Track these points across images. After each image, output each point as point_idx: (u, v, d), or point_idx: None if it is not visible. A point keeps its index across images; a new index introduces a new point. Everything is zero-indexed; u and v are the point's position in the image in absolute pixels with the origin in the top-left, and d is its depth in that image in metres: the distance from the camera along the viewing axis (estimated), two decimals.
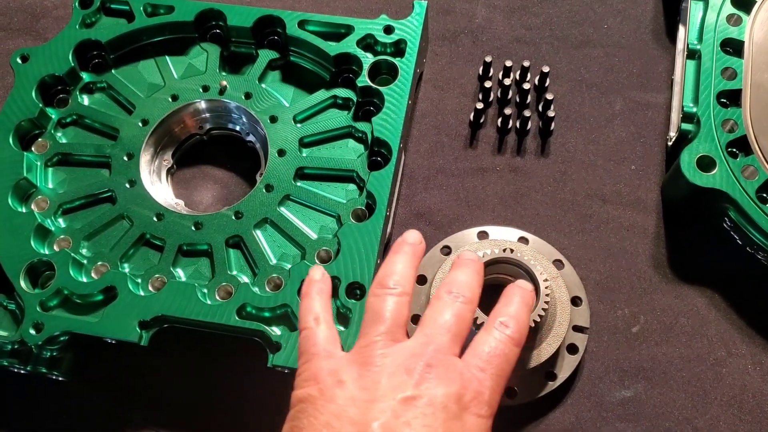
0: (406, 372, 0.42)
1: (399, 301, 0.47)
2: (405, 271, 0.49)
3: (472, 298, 0.48)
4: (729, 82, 0.68)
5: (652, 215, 0.70)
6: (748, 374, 0.63)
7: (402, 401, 0.41)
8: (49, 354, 0.62)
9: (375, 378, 0.42)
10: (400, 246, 0.52)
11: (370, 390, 0.42)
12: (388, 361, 0.43)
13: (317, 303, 0.51)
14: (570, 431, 0.62)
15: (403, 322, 0.47)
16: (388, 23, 0.71)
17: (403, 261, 0.50)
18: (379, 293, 0.48)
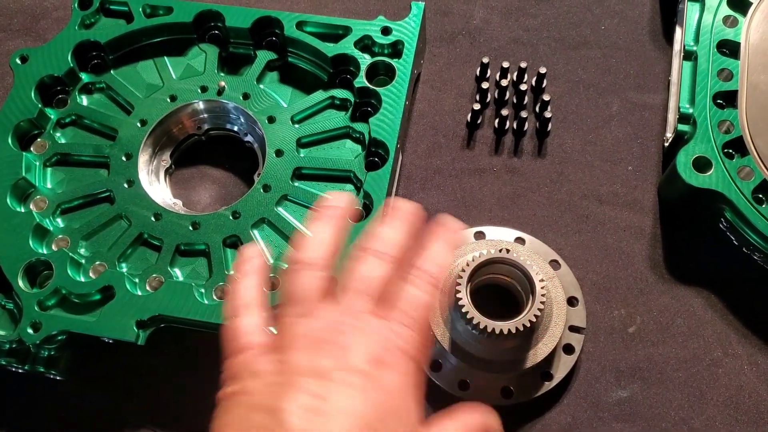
0: (317, 344, 0.39)
1: (312, 275, 0.43)
2: (321, 242, 0.45)
3: (394, 253, 0.43)
4: (725, 83, 0.68)
5: (649, 216, 0.70)
6: (745, 375, 0.63)
7: (316, 375, 0.38)
8: (46, 353, 0.62)
9: (287, 359, 0.39)
10: (323, 210, 0.47)
11: (284, 374, 0.39)
12: (300, 341, 0.40)
13: (245, 284, 0.46)
14: (566, 431, 0.62)
15: (317, 295, 0.42)
16: (386, 24, 0.71)
17: (323, 230, 0.45)
18: (291, 270, 0.44)
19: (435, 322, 0.62)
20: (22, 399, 0.65)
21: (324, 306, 0.42)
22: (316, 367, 0.38)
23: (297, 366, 0.39)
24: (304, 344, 0.40)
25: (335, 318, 0.41)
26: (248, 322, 0.44)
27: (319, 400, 0.37)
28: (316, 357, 0.39)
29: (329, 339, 0.40)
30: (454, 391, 0.62)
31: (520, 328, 0.57)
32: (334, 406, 0.36)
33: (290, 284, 0.43)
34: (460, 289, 0.58)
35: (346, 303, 0.41)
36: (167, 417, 0.63)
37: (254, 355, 0.41)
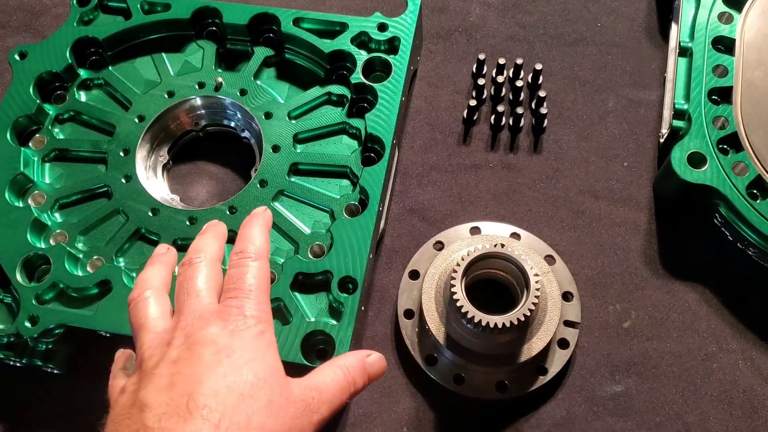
0: (166, 344, 0.44)
1: (147, 302, 0.49)
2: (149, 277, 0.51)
3: (210, 259, 0.50)
4: (720, 79, 0.68)
5: (644, 212, 0.70)
6: (739, 369, 0.64)
7: (168, 365, 0.42)
8: (44, 347, 0.63)
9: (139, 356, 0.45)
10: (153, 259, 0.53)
11: (146, 375, 0.43)
12: (146, 349, 0.45)
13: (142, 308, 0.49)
14: (561, 425, 0.62)
15: (163, 314, 0.48)
16: (382, 21, 0.71)
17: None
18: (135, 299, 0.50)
19: (430, 317, 0.62)
20: (19, 392, 0.65)
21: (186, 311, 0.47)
22: (170, 354, 0.43)
23: (151, 357, 0.44)
24: (164, 341, 0.45)
25: (175, 323, 0.46)
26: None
27: (177, 366, 0.42)
28: (166, 350, 0.44)
29: (175, 337, 0.45)
30: (450, 385, 0.62)
31: (515, 322, 0.57)
32: (193, 370, 0.42)
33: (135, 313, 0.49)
34: (455, 284, 0.58)
35: (182, 304, 0.47)
36: None
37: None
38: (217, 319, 0.45)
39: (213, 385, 0.41)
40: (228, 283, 0.47)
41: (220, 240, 0.52)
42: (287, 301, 0.60)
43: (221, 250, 0.52)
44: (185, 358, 0.42)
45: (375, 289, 0.68)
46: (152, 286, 0.49)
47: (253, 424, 0.40)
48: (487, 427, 0.62)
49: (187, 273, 0.49)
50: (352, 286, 0.61)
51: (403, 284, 0.67)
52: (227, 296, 0.47)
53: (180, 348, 0.43)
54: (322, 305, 0.61)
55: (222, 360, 0.42)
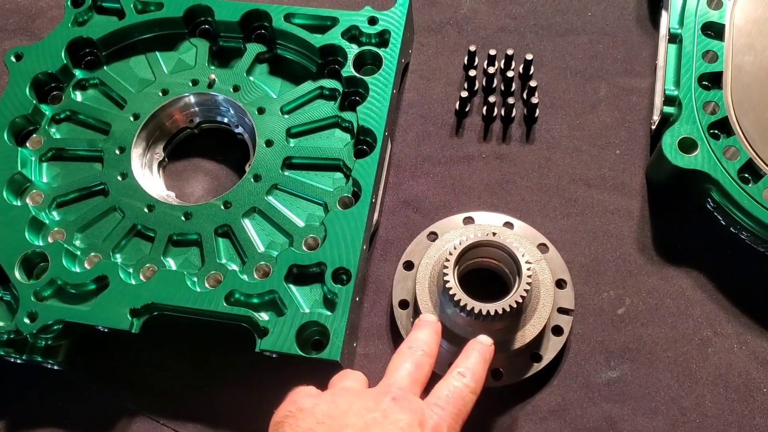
0: (374, 401, 0.48)
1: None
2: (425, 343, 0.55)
3: (430, 352, 0.54)
4: (710, 64, 0.68)
5: (637, 199, 0.71)
6: (734, 353, 0.64)
7: (370, 420, 0.46)
8: (44, 343, 0.63)
9: (348, 401, 0.48)
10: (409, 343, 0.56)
11: (343, 409, 0.47)
12: (357, 396, 0.49)
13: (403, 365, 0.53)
14: (556, 412, 0.62)
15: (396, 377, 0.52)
16: (372, 14, 0.72)
17: (428, 338, 0.56)
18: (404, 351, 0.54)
19: (425, 307, 0.63)
20: (20, 389, 0.66)
21: (391, 384, 0.51)
22: (372, 414, 0.47)
23: (357, 408, 0.47)
24: (362, 398, 0.49)
25: (387, 389, 0.50)
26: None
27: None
28: (372, 408, 0.47)
29: (383, 400, 0.48)
30: (445, 373, 0.62)
31: (507, 309, 0.57)
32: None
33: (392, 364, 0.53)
34: (447, 273, 0.59)
35: (395, 379, 0.51)
36: (163, 404, 0.64)
37: (317, 393, 0.51)
38: (421, 415, 0.47)
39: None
40: (439, 392, 0.50)
41: (437, 338, 0.56)
42: (282, 293, 0.61)
43: (437, 347, 0.55)
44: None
45: (370, 281, 0.69)
46: (423, 350, 0.53)
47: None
48: (483, 414, 0.62)
49: (403, 354, 0.53)
50: (346, 277, 0.61)
51: (398, 275, 0.67)
52: (435, 403, 0.49)
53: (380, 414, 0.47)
54: (317, 297, 0.62)
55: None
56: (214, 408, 0.64)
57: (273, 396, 0.63)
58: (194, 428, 0.63)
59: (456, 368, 0.53)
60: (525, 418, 0.62)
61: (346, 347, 0.60)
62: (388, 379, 0.51)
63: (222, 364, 0.65)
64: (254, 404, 0.63)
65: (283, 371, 0.63)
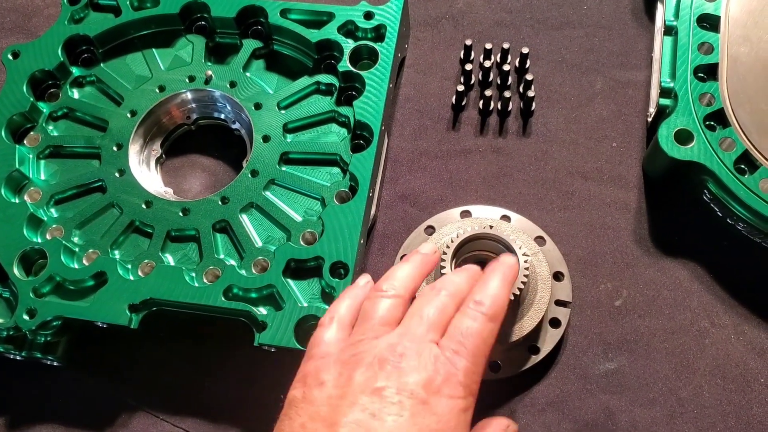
0: (379, 364, 0.43)
1: (390, 302, 0.48)
2: (403, 276, 0.50)
3: (455, 291, 0.48)
4: (706, 56, 0.68)
5: (634, 191, 0.71)
6: (731, 344, 0.64)
7: (371, 393, 0.42)
8: (43, 339, 0.64)
9: (350, 374, 0.43)
10: (410, 255, 0.53)
11: (344, 387, 0.43)
12: (365, 357, 0.44)
13: (342, 303, 0.50)
14: (555, 403, 0.62)
15: (390, 320, 0.47)
16: (368, 9, 0.72)
17: (406, 268, 0.51)
18: (371, 296, 0.49)
19: None
20: (20, 385, 0.66)
21: (391, 330, 0.46)
22: (373, 385, 0.42)
23: (357, 382, 0.42)
24: (367, 362, 0.43)
25: (398, 341, 0.44)
26: (334, 335, 0.48)
27: (371, 418, 0.40)
28: (374, 376, 0.42)
29: (389, 360, 0.43)
30: None
31: None
32: (385, 425, 0.40)
33: (370, 307, 0.48)
34: (444, 266, 0.59)
35: (409, 329, 0.45)
36: (163, 400, 0.65)
37: (325, 364, 0.45)
38: (430, 370, 0.42)
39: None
40: (453, 331, 0.44)
41: (473, 283, 0.49)
42: (280, 287, 0.61)
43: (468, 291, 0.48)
44: (390, 399, 0.41)
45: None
46: (399, 290, 0.48)
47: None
48: (481, 407, 0.61)
49: (431, 296, 0.47)
50: (343, 270, 0.61)
51: None
52: (449, 345, 0.44)
53: (389, 381, 0.42)
54: (315, 291, 0.62)
55: (424, 421, 0.40)
56: (214, 402, 0.64)
57: (272, 390, 0.63)
58: (194, 423, 0.63)
59: (473, 296, 0.47)
60: (523, 411, 0.62)
61: None
62: (405, 322, 0.46)
63: (221, 359, 0.65)
64: (253, 398, 0.64)
65: (281, 365, 0.63)
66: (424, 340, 0.44)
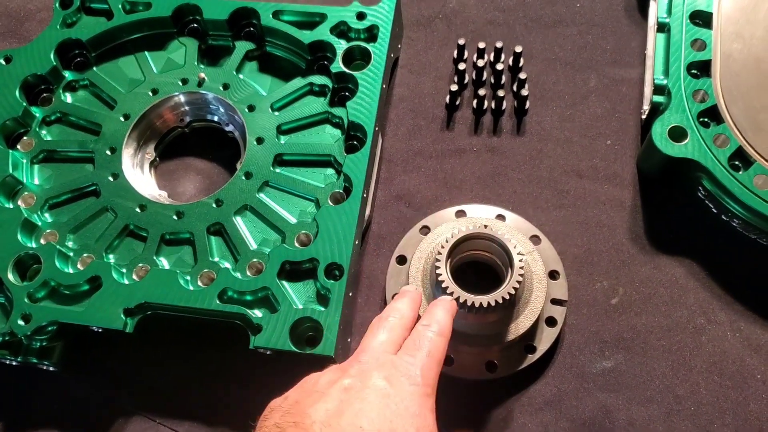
0: (341, 370, 0.48)
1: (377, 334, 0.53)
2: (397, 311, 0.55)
3: (403, 316, 0.53)
4: (699, 53, 0.68)
5: (629, 189, 0.71)
6: (728, 341, 0.64)
7: (339, 390, 0.46)
8: (38, 344, 0.64)
9: (314, 380, 0.48)
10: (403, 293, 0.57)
11: (309, 390, 0.47)
12: (323, 374, 0.49)
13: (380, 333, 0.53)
14: (552, 402, 0.62)
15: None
16: (360, 10, 0.72)
17: (402, 304, 0.55)
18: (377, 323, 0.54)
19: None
20: (16, 391, 0.66)
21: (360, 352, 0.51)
22: (340, 384, 0.47)
23: (322, 384, 0.48)
24: (329, 371, 0.49)
25: (356, 356, 0.51)
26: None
27: (342, 407, 0.45)
28: (338, 378, 0.48)
29: (351, 366, 0.49)
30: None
31: (500, 300, 0.57)
32: (353, 408, 0.45)
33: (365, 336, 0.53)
34: (439, 265, 0.59)
35: (365, 346, 0.51)
36: (159, 404, 0.64)
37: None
38: (391, 367, 0.48)
39: (378, 426, 0.43)
40: (408, 343, 0.51)
41: (415, 305, 0.56)
42: (274, 289, 0.61)
43: (414, 313, 0.55)
44: (357, 390, 0.46)
45: (363, 276, 0.69)
46: (395, 316, 0.53)
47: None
48: (478, 406, 0.62)
49: (378, 323, 0.53)
50: (338, 272, 0.61)
51: (391, 270, 0.67)
52: (404, 353, 0.50)
53: (354, 379, 0.47)
54: (310, 292, 0.62)
55: (389, 405, 0.45)
56: (210, 406, 0.64)
57: (268, 392, 0.63)
58: (190, 426, 0.63)
59: (420, 322, 0.53)
60: (520, 410, 0.62)
61: (340, 342, 0.60)
62: (360, 350, 0.51)
63: (216, 362, 0.65)
64: (249, 401, 0.63)
65: (277, 368, 0.63)
66: (382, 353, 0.50)
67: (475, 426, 0.62)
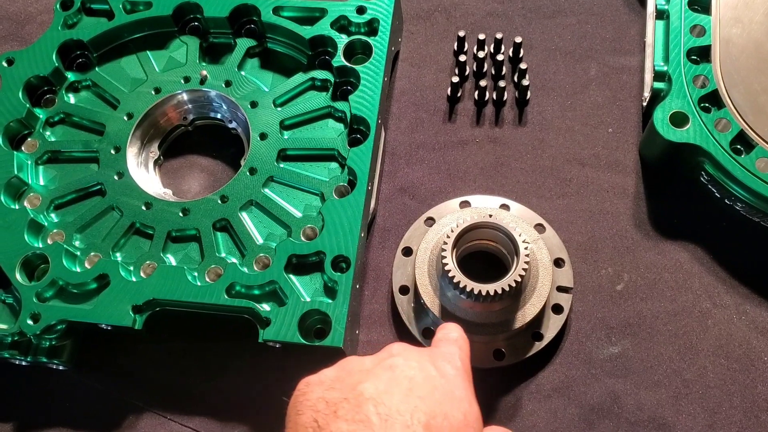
0: (384, 353, 0.49)
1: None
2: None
3: (456, 338, 0.54)
4: (698, 39, 0.69)
5: (631, 176, 0.71)
6: (734, 324, 0.64)
7: (384, 369, 0.46)
8: (48, 344, 0.64)
9: (356, 360, 0.48)
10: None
11: (352, 369, 0.47)
12: (363, 357, 0.49)
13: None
14: (560, 389, 0.63)
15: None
16: (360, 4, 0.72)
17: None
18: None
19: (425, 291, 0.63)
20: (26, 390, 0.66)
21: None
22: (386, 363, 0.47)
23: (366, 362, 0.48)
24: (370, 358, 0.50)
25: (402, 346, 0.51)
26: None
27: (389, 383, 0.45)
28: (387, 357, 0.48)
29: (389, 350, 0.50)
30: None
31: (506, 288, 0.58)
32: (401, 386, 0.45)
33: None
34: (446, 255, 0.59)
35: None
36: (170, 400, 0.65)
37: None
38: (433, 353, 0.49)
39: (430, 407, 0.44)
40: (438, 337, 0.53)
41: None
42: (282, 283, 0.61)
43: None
44: (403, 369, 0.46)
45: (369, 269, 0.69)
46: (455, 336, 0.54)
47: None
48: (487, 394, 0.63)
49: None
50: (345, 264, 0.62)
51: (397, 261, 0.68)
52: (438, 346, 0.51)
53: (398, 358, 0.47)
54: (317, 285, 0.62)
55: (437, 388, 0.45)
56: (221, 400, 0.64)
57: (278, 385, 0.64)
58: (201, 421, 0.64)
59: (439, 331, 0.54)
60: (529, 397, 0.62)
61: (349, 334, 0.60)
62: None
63: (226, 357, 0.66)
64: (259, 394, 0.64)
65: (286, 360, 0.63)
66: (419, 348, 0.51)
67: (485, 414, 0.61)
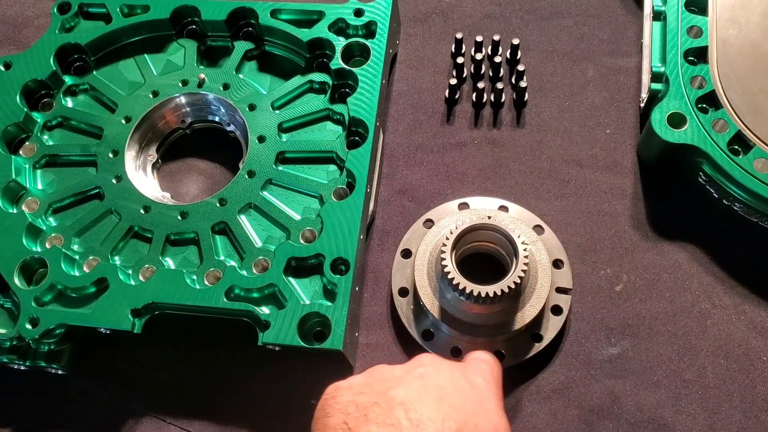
0: (415, 362, 0.51)
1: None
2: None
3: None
4: (695, 40, 0.69)
5: (629, 176, 0.71)
6: (733, 324, 0.64)
7: (414, 378, 0.48)
8: (47, 348, 0.64)
9: (386, 368, 0.50)
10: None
11: (381, 377, 0.49)
12: (392, 365, 0.51)
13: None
14: (560, 390, 0.63)
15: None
16: (358, 6, 0.72)
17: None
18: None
19: (424, 293, 0.63)
20: (25, 395, 0.66)
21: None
22: (417, 371, 0.50)
23: (396, 371, 0.50)
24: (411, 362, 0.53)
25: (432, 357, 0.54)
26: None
27: (420, 390, 0.47)
28: (418, 366, 0.51)
29: (420, 360, 0.53)
30: (448, 358, 0.63)
31: (505, 289, 0.58)
32: (432, 394, 0.47)
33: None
34: (445, 257, 0.59)
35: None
36: (169, 404, 0.65)
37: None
38: (463, 366, 0.52)
39: (462, 416, 0.45)
40: (468, 356, 0.56)
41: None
42: (281, 286, 0.61)
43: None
44: (433, 378, 0.48)
45: (369, 271, 0.69)
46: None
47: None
48: None
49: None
50: (344, 267, 0.62)
51: (396, 264, 0.68)
52: (470, 362, 0.54)
53: (429, 368, 0.50)
54: (317, 288, 0.62)
55: (468, 399, 0.47)
56: (220, 403, 0.64)
57: (278, 388, 0.64)
58: (201, 425, 0.63)
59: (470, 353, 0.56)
60: (529, 398, 0.62)
61: (348, 337, 0.60)
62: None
63: (225, 360, 0.65)
64: (259, 397, 0.64)
65: (286, 363, 0.63)
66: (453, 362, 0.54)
67: None
